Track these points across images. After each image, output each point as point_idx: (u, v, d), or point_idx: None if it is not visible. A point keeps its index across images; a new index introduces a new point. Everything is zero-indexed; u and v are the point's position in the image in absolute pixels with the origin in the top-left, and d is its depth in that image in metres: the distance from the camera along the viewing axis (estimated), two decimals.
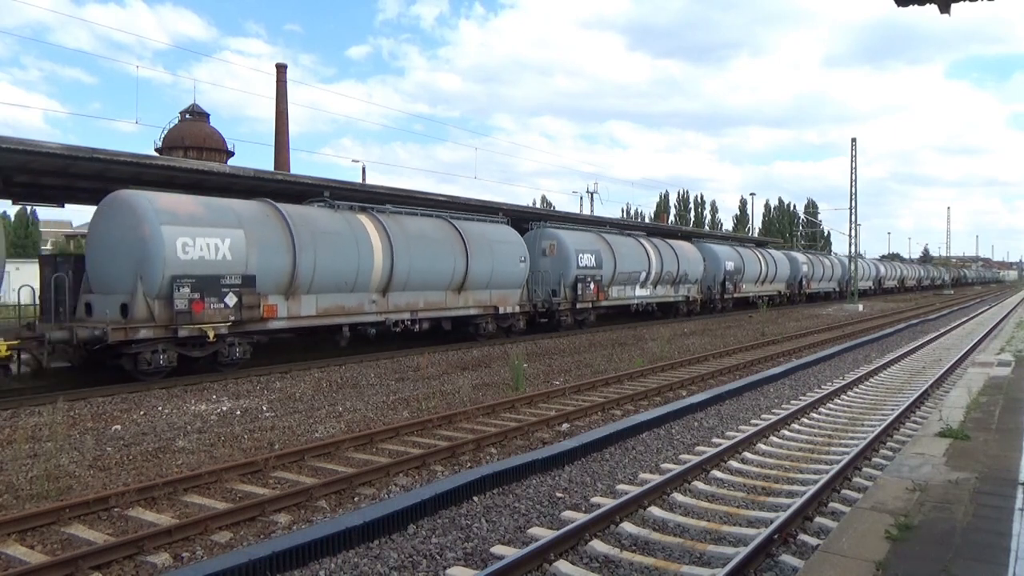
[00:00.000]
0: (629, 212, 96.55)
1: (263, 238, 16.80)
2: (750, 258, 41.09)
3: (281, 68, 48.02)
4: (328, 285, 18.33)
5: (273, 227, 17.25)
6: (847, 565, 4.88)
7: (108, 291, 15.66)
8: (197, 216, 15.97)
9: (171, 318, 15.14)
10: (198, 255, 15.58)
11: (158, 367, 15.16)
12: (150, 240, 15.01)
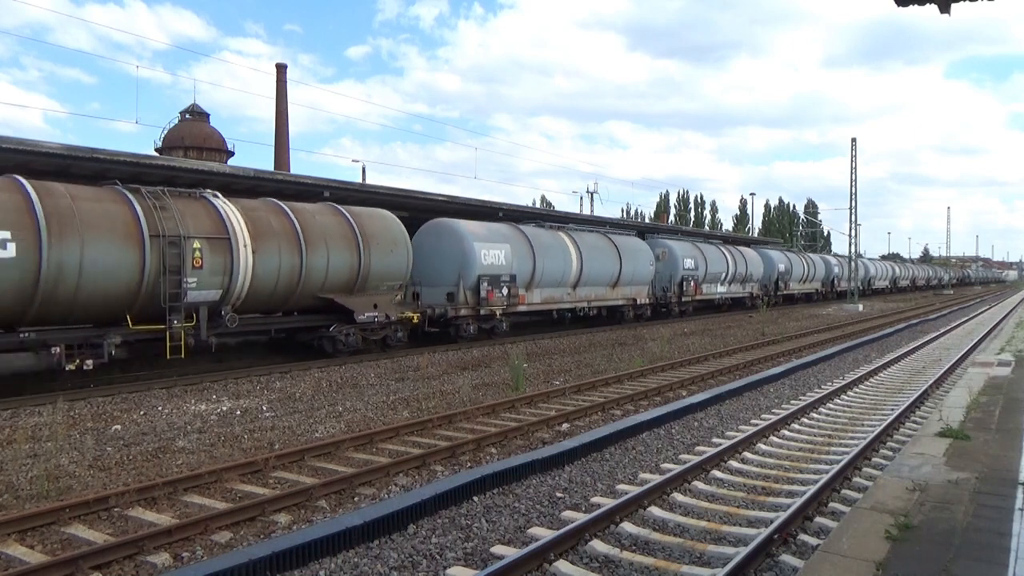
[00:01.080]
0: (629, 212, 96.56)
1: (517, 250, 24.50)
2: (796, 261, 51.64)
3: (281, 68, 48.09)
4: (547, 282, 26.10)
5: (522, 242, 24.97)
6: (847, 565, 4.88)
7: (435, 284, 22.66)
8: (486, 235, 23.74)
9: (477, 302, 22.84)
10: (490, 261, 23.17)
11: (470, 335, 23.04)
12: (468, 252, 22.67)
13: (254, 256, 16.35)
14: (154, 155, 33.65)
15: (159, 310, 14.93)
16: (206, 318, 15.76)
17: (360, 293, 19.21)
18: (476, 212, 32.01)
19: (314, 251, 17.64)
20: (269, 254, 16.73)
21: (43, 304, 13.36)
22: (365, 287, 19.25)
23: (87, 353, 14.03)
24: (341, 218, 19.05)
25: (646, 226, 43.26)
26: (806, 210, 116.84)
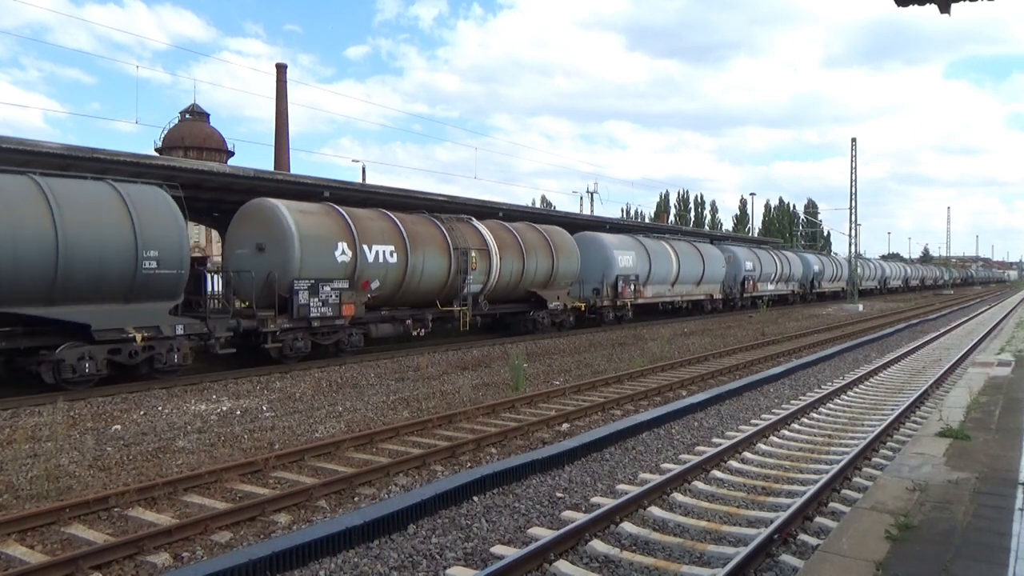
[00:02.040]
0: (629, 212, 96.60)
1: (639, 255, 31.13)
2: (827, 263, 57.91)
3: (281, 68, 48.08)
4: (656, 281, 32.70)
5: (641, 249, 31.72)
6: (847, 565, 4.88)
7: (586, 282, 28.72)
8: (619, 244, 30.56)
9: (615, 296, 29.46)
10: (624, 264, 29.91)
11: (610, 321, 29.86)
12: (610, 258, 29.48)
13: (500, 262, 23.52)
14: (154, 155, 33.64)
15: (451, 297, 22.15)
16: (471, 304, 22.74)
17: (551, 288, 26.30)
18: (476, 212, 32.05)
19: (529, 258, 24.85)
20: (507, 260, 23.92)
21: (403, 292, 20.52)
22: (554, 284, 26.37)
23: (420, 325, 21.12)
24: (540, 234, 26.30)
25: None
26: (806, 210, 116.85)
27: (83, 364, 13.86)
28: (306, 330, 17.79)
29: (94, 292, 13.79)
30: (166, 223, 14.80)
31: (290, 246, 17.20)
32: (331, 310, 17.98)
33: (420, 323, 20.98)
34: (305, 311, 17.47)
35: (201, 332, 15.71)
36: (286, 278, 17.21)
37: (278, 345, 17.22)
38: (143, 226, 14.30)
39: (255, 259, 17.47)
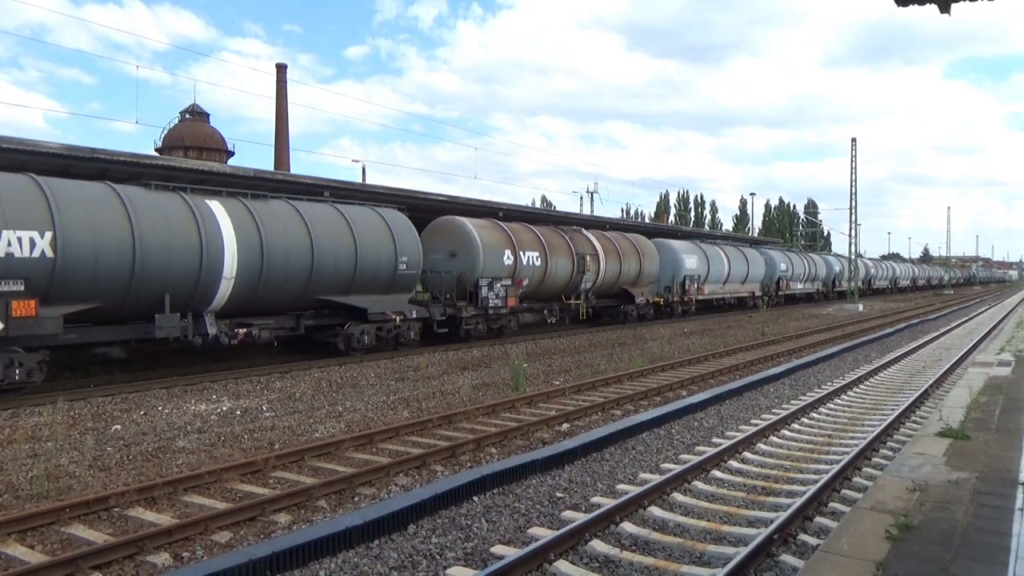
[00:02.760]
0: (629, 212, 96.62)
1: (699, 257, 36.00)
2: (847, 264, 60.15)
3: (281, 68, 48.06)
4: (712, 280, 37.27)
5: (701, 252, 36.58)
6: (847, 565, 4.88)
7: (658, 281, 33.09)
8: (685, 248, 35.38)
9: (682, 293, 34.10)
10: (690, 266, 34.76)
11: (679, 315, 34.54)
12: (679, 260, 34.11)
13: (605, 264, 28.76)
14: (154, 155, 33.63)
15: (571, 292, 27.59)
16: (584, 298, 28.07)
17: (638, 286, 31.36)
18: (476, 212, 32.05)
19: (623, 261, 30.08)
20: (610, 263, 29.15)
21: (542, 288, 25.86)
22: (640, 282, 31.55)
23: (551, 315, 26.88)
24: (630, 241, 31.48)
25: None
26: (806, 210, 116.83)
27: (363, 337, 19.39)
28: (484, 316, 23.29)
29: (371, 286, 19.27)
30: (411, 237, 20.60)
31: (476, 253, 22.84)
32: (501, 302, 23.51)
33: (551, 313, 27.00)
34: (485, 302, 22.96)
35: (424, 316, 21.05)
36: (472, 277, 22.78)
37: (468, 327, 22.78)
38: (398, 240, 19.90)
39: (448, 262, 22.82)
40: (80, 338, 14.02)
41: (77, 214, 13.40)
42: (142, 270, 14.18)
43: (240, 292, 16.08)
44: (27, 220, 12.73)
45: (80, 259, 13.32)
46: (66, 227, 13.14)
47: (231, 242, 15.79)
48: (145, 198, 14.89)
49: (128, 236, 14.01)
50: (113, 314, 14.41)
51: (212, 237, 15.43)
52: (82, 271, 13.40)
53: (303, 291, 17.55)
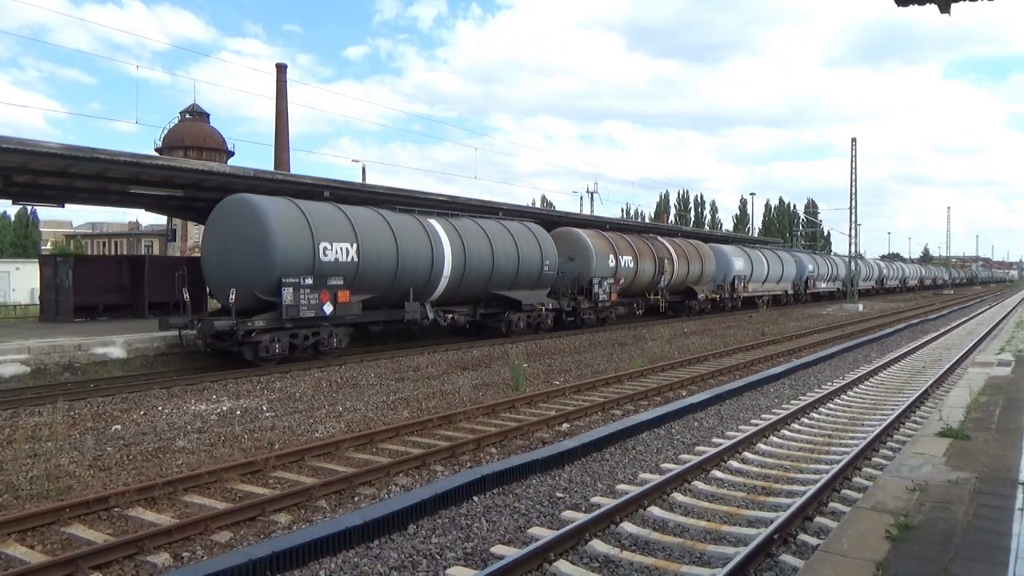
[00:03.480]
0: (629, 212, 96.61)
1: (744, 259, 41.86)
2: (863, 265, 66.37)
3: (281, 68, 47.99)
4: (754, 280, 43.10)
5: (745, 254, 42.74)
6: (847, 565, 4.88)
7: (712, 281, 38.36)
8: (733, 251, 41.18)
9: (732, 290, 39.67)
10: (738, 267, 40.89)
11: (727, 309, 40.15)
12: (729, 263, 39.75)
13: (676, 266, 34.67)
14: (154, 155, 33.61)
15: (652, 289, 33.34)
16: (662, 294, 33.80)
17: (699, 285, 37.36)
18: (476, 212, 32.08)
19: (691, 264, 35.95)
20: (680, 265, 35.03)
21: (633, 286, 31.60)
22: (701, 281, 37.46)
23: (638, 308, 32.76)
24: (693, 246, 37.31)
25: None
26: (806, 210, 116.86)
27: (519, 322, 25.03)
28: (595, 308, 28.70)
29: (525, 283, 24.93)
30: (550, 245, 26.32)
31: (590, 257, 28.51)
32: (606, 297, 29.01)
33: (638, 306, 32.80)
34: (596, 297, 28.48)
35: (557, 308, 26.74)
36: (587, 276, 28.33)
37: (585, 317, 28.32)
38: (543, 247, 25.73)
39: (568, 265, 27.75)
40: (364, 318, 19.75)
41: (367, 232, 19.05)
42: (401, 271, 19.93)
43: (450, 287, 22.00)
44: (343, 237, 18.34)
45: (370, 263, 18.98)
46: (363, 241, 18.77)
47: (448, 251, 21.61)
48: (397, 218, 20.54)
49: (393, 247, 19.67)
50: (381, 302, 20.04)
51: (437, 247, 21.20)
52: (371, 271, 19.08)
53: (484, 287, 23.54)
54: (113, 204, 28.17)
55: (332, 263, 17.94)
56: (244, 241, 17.04)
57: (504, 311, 24.66)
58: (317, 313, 17.66)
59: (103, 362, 16.68)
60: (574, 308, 27.86)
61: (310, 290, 17.44)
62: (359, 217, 19.17)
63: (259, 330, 16.77)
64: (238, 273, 17.01)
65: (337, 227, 18.31)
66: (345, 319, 18.74)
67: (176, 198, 24.56)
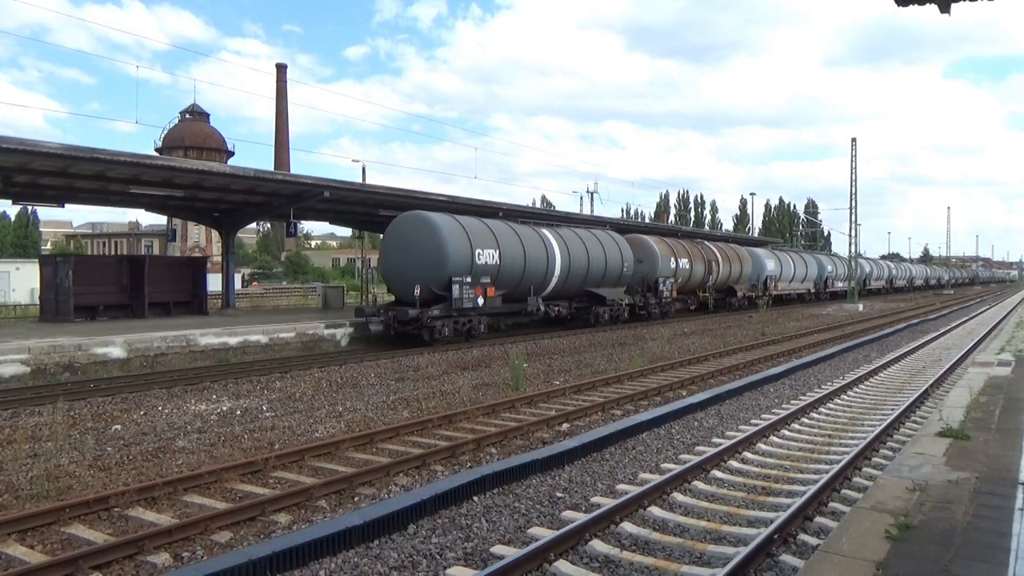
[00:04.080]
0: (629, 212, 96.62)
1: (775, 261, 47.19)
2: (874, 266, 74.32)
3: (281, 68, 48.07)
4: (783, 279, 48.23)
5: (775, 257, 48.04)
6: (847, 565, 4.88)
7: (746, 281, 43.12)
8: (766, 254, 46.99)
9: (764, 289, 44.40)
10: (771, 268, 46.37)
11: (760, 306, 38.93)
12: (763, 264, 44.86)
13: (721, 267, 39.48)
14: (154, 155, 33.60)
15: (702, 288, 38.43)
16: (710, 292, 38.85)
17: (739, 284, 42.19)
18: (476, 212, 32.06)
19: (733, 265, 40.93)
20: (724, 266, 39.76)
21: (689, 284, 36.60)
22: (740, 281, 42.35)
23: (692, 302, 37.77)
24: (733, 250, 42.21)
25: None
26: (806, 210, 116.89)
27: (604, 315, 29.78)
28: (659, 304, 33.63)
29: (609, 281, 29.77)
30: (627, 250, 31.17)
31: (656, 260, 33.35)
32: (668, 294, 34.15)
33: (691, 302, 37.99)
34: (661, 294, 33.45)
35: (631, 303, 31.48)
36: (653, 276, 33.30)
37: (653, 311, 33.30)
38: (623, 252, 30.62)
39: (638, 266, 32.21)
40: (502, 309, 24.63)
41: (505, 241, 24.10)
42: (527, 271, 24.83)
43: (558, 285, 26.78)
44: (489, 244, 23.29)
45: (507, 265, 23.91)
46: (503, 248, 23.77)
47: (557, 255, 26.41)
48: (522, 229, 25.63)
49: (521, 252, 24.62)
50: (510, 297, 24.79)
51: (550, 252, 26.08)
52: (507, 271, 23.98)
53: (580, 285, 28.21)
54: (113, 204, 28.19)
55: (483, 265, 22.82)
56: (423, 248, 21.74)
57: (591, 305, 29.38)
58: (473, 305, 22.62)
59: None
60: (644, 303, 32.71)
61: (468, 286, 22.28)
62: (498, 229, 24.27)
63: (434, 317, 21.57)
64: (418, 273, 21.64)
65: (485, 236, 23.27)
66: (489, 310, 23.69)
67: (176, 198, 24.58)
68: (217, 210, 28.21)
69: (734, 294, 41.73)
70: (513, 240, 24.52)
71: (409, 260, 22.05)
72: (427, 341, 21.52)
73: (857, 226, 50.68)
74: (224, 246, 29.49)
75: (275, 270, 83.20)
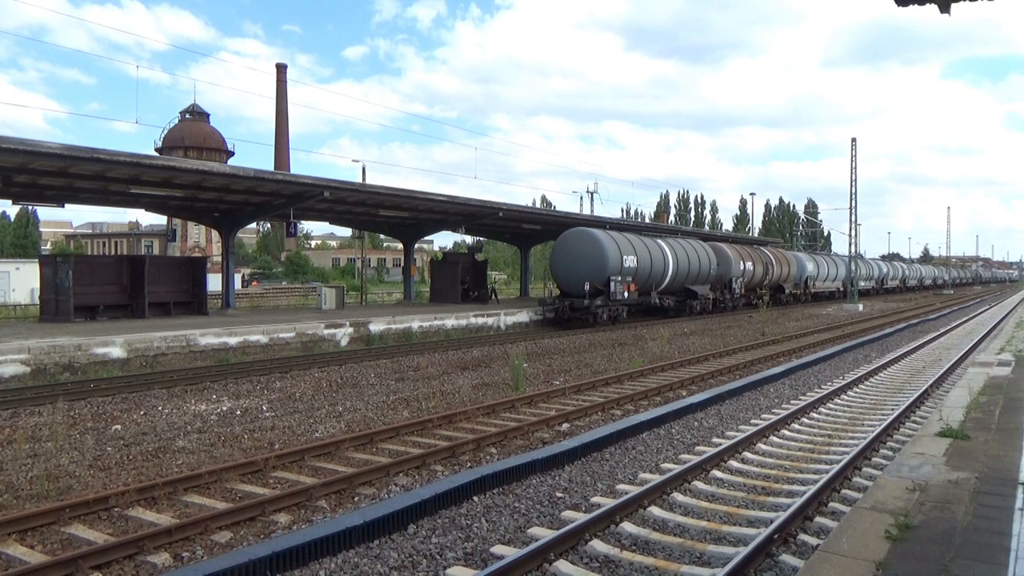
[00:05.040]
0: (629, 212, 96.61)
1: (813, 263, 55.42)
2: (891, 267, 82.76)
3: (281, 68, 48.08)
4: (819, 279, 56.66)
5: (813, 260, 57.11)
6: (847, 565, 4.88)
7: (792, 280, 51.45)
8: (807, 257, 56.32)
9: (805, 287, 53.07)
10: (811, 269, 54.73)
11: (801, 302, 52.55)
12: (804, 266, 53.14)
13: (775, 269, 46.77)
14: (154, 155, 33.61)
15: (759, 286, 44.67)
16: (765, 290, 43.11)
17: (787, 283, 48.95)
18: (476, 212, 32.04)
19: (782, 267, 47.67)
20: (775, 268, 46.65)
21: (751, 282, 44.00)
22: (787, 280, 48.98)
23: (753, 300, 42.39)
24: (783, 254, 49.32)
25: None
26: (806, 210, 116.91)
27: (696, 306, 36.71)
28: (732, 299, 40.82)
29: (700, 280, 36.83)
30: (712, 255, 38.32)
31: (731, 263, 40.36)
32: (739, 290, 41.61)
33: (752, 297, 42.82)
34: (734, 291, 41.14)
35: (714, 298, 38.87)
36: (727, 276, 40.34)
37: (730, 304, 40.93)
38: (710, 257, 37.88)
39: (718, 269, 38.88)
40: (637, 302, 32.50)
41: (639, 249, 31.90)
42: (652, 272, 32.68)
43: (669, 283, 34.60)
44: (630, 252, 30.95)
45: (641, 267, 31.60)
46: (638, 254, 31.58)
47: (670, 259, 34.32)
48: (647, 240, 33.64)
49: (648, 257, 32.36)
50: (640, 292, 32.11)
51: (665, 257, 34.03)
52: (641, 272, 31.70)
53: (682, 283, 35.76)
54: (113, 204, 28.19)
55: (628, 268, 30.60)
56: (589, 255, 29.42)
57: (687, 299, 36.58)
58: (621, 297, 30.50)
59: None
60: (722, 297, 40.10)
61: (619, 283, 30.06)
62: (633, 240, 32.27)
63: (598, 306, 29.40)
64: (586, 274, 29.13)
65: (627, 246, 31.05)
66: (630, 301, 31.73)
67: (176, 198, 24.58)
68: (217, 210, 28.21)
69: (783, 291, 49.16)
70: (643, 249, 32.48)
71: (578, 264, 29.53)
72: (591, 324, 29.15)
73: (857, 226, 50.72)
74: (224, 246, 29.48)
75: (275, 270, 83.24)
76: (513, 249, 62.70)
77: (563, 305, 29.32)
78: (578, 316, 29.11)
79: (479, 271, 38.74)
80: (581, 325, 28.98)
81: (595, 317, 29.25)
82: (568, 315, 29.14)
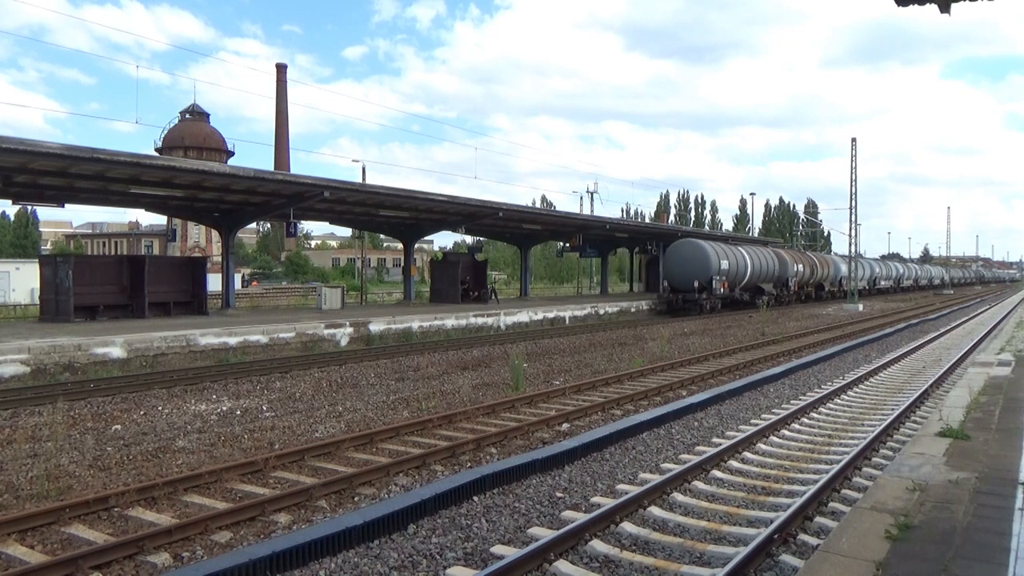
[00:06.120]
0: (629, 212, 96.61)
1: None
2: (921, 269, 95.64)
3: (281, 68, 48.09)
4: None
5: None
6: (847, 565, 4.88)
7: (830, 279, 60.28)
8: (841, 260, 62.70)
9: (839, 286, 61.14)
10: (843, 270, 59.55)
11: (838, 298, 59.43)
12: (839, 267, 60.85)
13: (818, 270, 55.86)
14: (154, 155, 33.63)
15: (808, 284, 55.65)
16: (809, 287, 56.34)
17: (826, 281, 57.21)
18: (476, 212, 32.06)
19: (824, 269, 56.72)
20: (819, 270, 56.01)
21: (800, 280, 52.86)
22: (827, 280, 58.00)
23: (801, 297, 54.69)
24: (823, 257, 60.55)
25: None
26: (806, 210, 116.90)
27: (764, 299, 41.77)
28: (787, 294, 49.23)
29: (766, 279, 46.16)
30: (774, 258, 47.52)
31: (787, 265, 48.12)
32: (793, 287, 49.57)
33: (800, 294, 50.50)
34: (788, 288, 48.69)
35: (776, 294, 47.01)
36: (784, 275, 48.14)
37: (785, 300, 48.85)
38: (774, 260, 47.23)
39: (778, 269, 46.60)
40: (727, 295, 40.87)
41: (728, 254, 40.52)
42: (736, 272, 40.85)
43: (746, 281, 42.43)
44: (724, 257, 39.76)
45: (730, 268, 40.19)
46: (728, 259, 39.95)
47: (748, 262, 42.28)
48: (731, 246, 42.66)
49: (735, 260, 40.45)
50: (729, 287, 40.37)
51: (745, 261, 42.01)
52: (731, 272, 40.39)
53: (755, 281, 43.58)
54: (113, 204, 28.19)
55: (723, 269, 39.14)
56: (696, 259, 38.35)
57: (755, 295, 43.57)
58: (718, 292, 39.07)
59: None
60: (780, 294, 47.81)
61: (717, 281, 38.52)
62: (724, 247, 40.40)
63: (703, 299, 38.19)
64: (694, 274, 37.95)
65: (721, 252, 39.40)
66: (724, 296, 40.22)
67: (176, 198, 24.59)
68: (217, 210, 28.21)
69: (822, 289, 57.45)
70: (731, 254, 40.92)
71: (687, 266, 38.47)
72: (697, 312, 37.87)
73: (857, 226, 50.76)
74: (224, 246, 29.47)
75: (275, 270, 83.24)
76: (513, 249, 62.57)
77: (676, 298, 38.56)
78: (687, 307, 38.25)
79: (479, 271, 39.13)
80: (685, 314, 37.57)
81: (700, 308, 38.47)
82: (680, 305, 38.45)
